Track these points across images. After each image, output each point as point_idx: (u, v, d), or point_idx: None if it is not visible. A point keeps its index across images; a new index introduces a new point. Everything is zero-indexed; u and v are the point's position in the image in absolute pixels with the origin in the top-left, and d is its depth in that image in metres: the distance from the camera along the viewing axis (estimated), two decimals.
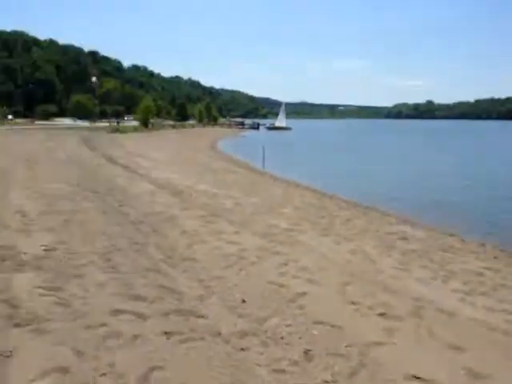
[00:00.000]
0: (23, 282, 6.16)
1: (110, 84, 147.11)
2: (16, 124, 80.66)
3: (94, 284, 6.22)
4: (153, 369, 4.25)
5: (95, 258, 7.34)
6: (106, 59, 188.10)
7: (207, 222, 10.43)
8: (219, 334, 5.01)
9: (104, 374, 4.11)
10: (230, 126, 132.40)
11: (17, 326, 4.93)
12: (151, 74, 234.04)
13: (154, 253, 7.87)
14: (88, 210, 11.13)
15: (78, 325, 4.99)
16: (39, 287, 5.99)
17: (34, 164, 21.21)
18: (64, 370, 4.14)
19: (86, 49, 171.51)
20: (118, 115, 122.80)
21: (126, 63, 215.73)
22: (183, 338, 4.87)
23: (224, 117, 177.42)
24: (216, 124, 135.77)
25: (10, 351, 4.41)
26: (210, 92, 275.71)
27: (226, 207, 12.57)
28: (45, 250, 7.66)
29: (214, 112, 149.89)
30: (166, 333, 4.93)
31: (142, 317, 5.29)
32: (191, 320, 5.32)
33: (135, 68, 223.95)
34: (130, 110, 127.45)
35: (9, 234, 8.65)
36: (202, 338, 4.89)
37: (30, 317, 5.11)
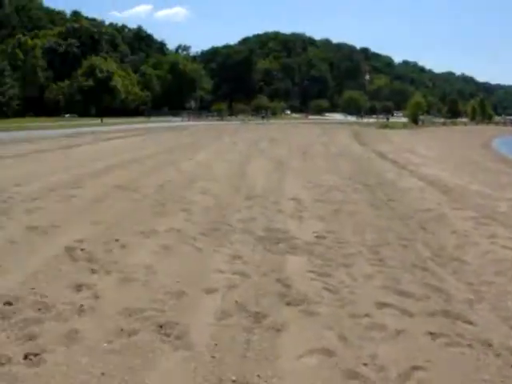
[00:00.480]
0: (295, 265, 6.57)
1: (381, 81, 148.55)
2: (292, 118, 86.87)
3: (361, 274, 6.30)
4: (415, 368, 4.07)
5: (363, 249, 7.45)
6: (377, 56, 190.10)
7: (479, 224, 9.72)
8: (489, 344, 4.58)
9: (365, 364, 4.10)
10: (505, 124, 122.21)
11: (288, 304, 5.25)
12: (422, 70, 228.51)
13: (422, 250, 7.64)
14: (357, 202, 11.42)
15: (344, 312, 5.11)
16: (310, 271, 6.32)
17: (309, 157, 22.56)
18: (329, 353, 4.24)
19: (358, 46, 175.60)
20: (387, 111, 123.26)
21: (397, 59, 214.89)
22: (449, 341, 4.58)
23: (499, 115, 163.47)
24: (490, 122, 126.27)
25: (281, 326, 4.72)
26: (485, 88, 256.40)
27: (500, 210, 11.56)
28: (316, 236, 8.07)
29: (489, 109, 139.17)
30: (430, 333, 4.71)
31: (406, 313, 5.17)
32: (458, 324, 4.99)
33: (405, 64, 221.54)
34: (399, 106, 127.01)
35: (284, 219, 9.36)
36: (470, 346, 4.52)
37: (300, 297, 5.40)
